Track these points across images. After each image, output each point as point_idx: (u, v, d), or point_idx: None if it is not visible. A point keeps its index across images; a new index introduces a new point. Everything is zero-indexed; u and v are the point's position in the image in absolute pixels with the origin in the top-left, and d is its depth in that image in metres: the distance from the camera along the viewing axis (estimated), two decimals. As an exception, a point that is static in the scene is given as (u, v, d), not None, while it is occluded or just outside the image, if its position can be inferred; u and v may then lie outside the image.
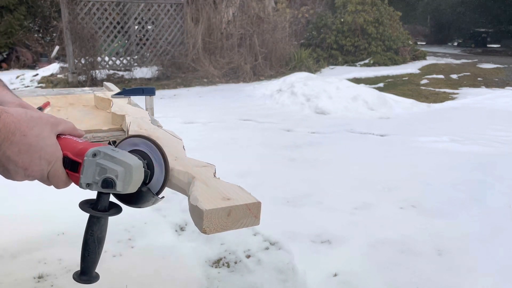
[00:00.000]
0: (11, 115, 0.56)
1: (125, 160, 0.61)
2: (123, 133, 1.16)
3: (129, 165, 0.61)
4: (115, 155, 0.62)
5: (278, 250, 2.11)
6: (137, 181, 0.64)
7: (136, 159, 0.64)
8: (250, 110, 5.62)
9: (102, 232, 0.67)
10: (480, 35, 19.62)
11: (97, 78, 7.59)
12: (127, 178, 0.62)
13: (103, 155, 0.61)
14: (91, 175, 0.62)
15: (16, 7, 10.87)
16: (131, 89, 1.44)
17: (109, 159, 0.61)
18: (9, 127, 0.55)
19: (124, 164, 0.61)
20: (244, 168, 3.27)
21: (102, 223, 0.66)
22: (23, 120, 0.57)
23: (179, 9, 8.36)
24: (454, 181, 3.07)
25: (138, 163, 0.64)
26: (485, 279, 1.89)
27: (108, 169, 0.61)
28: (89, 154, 0.61)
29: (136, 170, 0.63)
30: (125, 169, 0.61)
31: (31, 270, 1.85)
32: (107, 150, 0.62)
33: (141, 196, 0.67)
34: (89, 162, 0.61)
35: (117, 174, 0.61)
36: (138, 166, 0.63)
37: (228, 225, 0.61)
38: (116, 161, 0.61)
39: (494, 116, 5.30)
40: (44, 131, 0.60)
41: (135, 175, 0.62)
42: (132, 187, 0.63)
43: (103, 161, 0.61)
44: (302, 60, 9.23)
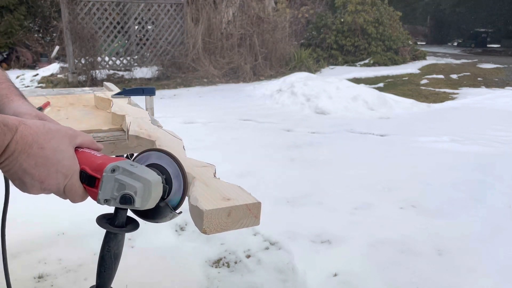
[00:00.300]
0: (29, 127, 0.55)
1: (144, 176, 0.60)
2: (123, 133, 1.16)
3: (148, 181, 0.60)
4: (134, 170, 0.60)
5: (278, 250, 2.11)
6: (156, 197, 0.63)
7: (155, 174, 0.63)
8: (250, 110, 5.62)
9: (119, 248, 0.66)
10: (480, 35, 19.63)
11: (97, 78, 7.59)
12: (146, 194, 0.60)
13: (122, 170, 0.60)
14: (110, 191, 0.60)
15: (16, 7, 10.87)
16: (131, 89, 1.44)
17: (128, 175, 0.60)
18: (27, 139, 0.54)
19: (143, 180, 0.60)
20: (244, 168, 3.27)
21: (119, 239, 0.66)
22: (40, 133, 0.56)
23: (179, 9, 8.36)
24: (454, 181, 3.07)
25: (157, 179, 0.62)
26: (485, 279, 1.89)
27: (127, 185, 0.60)
28: (108, 169, 0.60)
29: (155, 186, 0.62)
30: (144, 185, 0.60)
31: (31, 270, 1.85)
32: (126, 165, 0.61)
33: (159, 211, 0.66)
34: (107, 178, 0.60)
35: (136, 191, 0.60)
36: (157, 182, 0.62)
37: (228, 225, 0.61)
38: (135, 177, 0.60)
39: (494, 116, 5.30)
40: (62, 144, 0.59)
41: (154, 192, 0.61)
42: (150, 203, 0.62)
43: (122, 177, 0.60)
44: (302, 60, 9.23)
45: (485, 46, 19.00)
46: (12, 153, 0.53)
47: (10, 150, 0.53)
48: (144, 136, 0.96)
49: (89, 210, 1.08)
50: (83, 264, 1.91)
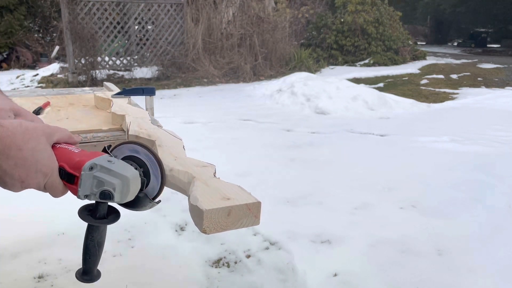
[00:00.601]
0: (7, 129, 0.56)
1: (121, 173, 0.62)
2: (123, 133, 1.16)
3: (126, 178, 0.62)
4: (111, 167, 0.62)
5: (278, 250, 2.11)
6: (134, 191, 0.64)
7: (132, 169, 0.64)
8: (250, 110, 5.62)
9: (102, 237, 0.68)
10: (480, 35, 19.64)
11: (97, 78, 7.59)
12: (124, 190, 0.62)
13: (99, 168, 0.62)
14: (89, 187, 0.62)
15: (16, 7, 10.87)
16: (131, 89, 1.44)
17: (106, 172, 0.61)
18: (5, 142, 0.55)
19: (121, 177, 0.62)
20: (244, 168, 3.27)
21: (102, 229, 0.68)
22: (18, 133, 0.57)
23: (179, 9, 8.36)
24: (454, 181, 3.07)
25: (134, 174, 0.64)
26: (485, 279, 1.89)
27: (105, 182, 0.61)
28: (86, 168, 0.61)
29: (133, 181, 0.63)
30: (122, 181, 0.62)
31: (31, 270, 1.85)
32: (104, 162, 0.62)
33: (138, 201, 0.68)
34: (86, 176, 0.61)
35: (114, 187, 0.61)
36: (134, 177, 0.64)
37: (228, 225, 0.61)
38: (113, 173, 0.61)
39: (494, 116, 5.30)
40: (39, 143, 0.60)
41: (132, 187, 0.63)
42: (129, 197, 0.64)
43: (100, 174, 0.61)
44: (302, 60, 9.24)
45: (485, 46, 19.02)
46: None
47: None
48: (144, 136, 0.96)
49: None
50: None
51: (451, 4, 19.45)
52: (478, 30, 20.42)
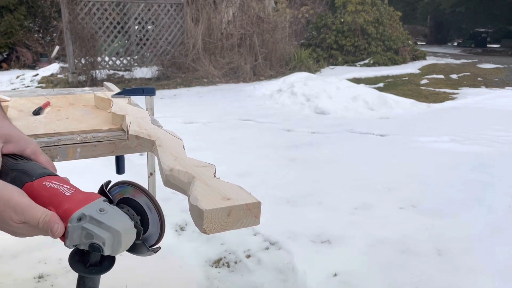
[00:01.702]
0: None
1: (113, 226, 0.56)
2: (123, 133, 1.16)
3: (118, 232, 0.57)
4: (102, 219, 0.56)
5: (278, 250, 2.11)
6: (127, 244, 0.60)
7: (126, 221, 0.59)
8: (250, 110, 5.62)
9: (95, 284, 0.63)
10: (480, 35, 19.65)
11: (97, 78, 7.59)
12: (115, 244, 0.57)
13: (89, 219, 0.57)
14: (77, 238, 0.58)
15: (16, 7, 10.87)
16: (131, 89, 1.44)
17: (96, 224, 0.56)
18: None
19: (112, 231, 0.56)
20: (244, 168, 3.27)
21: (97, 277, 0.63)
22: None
23: (179, 9, 8.36)
24: (454, 181, 3.07)
25: (127, 227, 0.59)
26: (485, 279, 1.89)
27: (94, 235, 0.56)
28: (74, 219, 0.57)
29: (125, 235, 0.58)
30: (113, 236, 0.57)
31: (31, 270, 1.85)
32: (94, 212, 0.57)
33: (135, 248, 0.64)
34: (73, 228, 0.57)
35: (104, 241, 0.56)
36: (127, 231, 0.59)
37: (228, 225, 0.60)
38: (103, 226, 0.56)
39: (494, 116, 5.30)
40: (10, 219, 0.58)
41: (124, 241, 0.58)
42: (121, 250, 0.59)
43: (89, 226, 0.56)
44: (302, 60, 9.24)
45: (485, 46, 19.02)
46: None
47: None
48: (144, 136, 0.97)
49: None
50: (83, 264, 1.91)
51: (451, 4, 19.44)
52: (478, 30, 20.42)
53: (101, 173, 2.56)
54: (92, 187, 0.68)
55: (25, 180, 0.63)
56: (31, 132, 1.10)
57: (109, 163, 1.92)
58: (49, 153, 1.04)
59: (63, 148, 1.06)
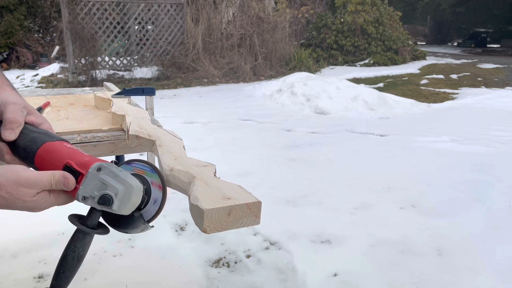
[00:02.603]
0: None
1: (127, 180, 0.61)
2: (123, 133, 1.16)
3: (131, 186, 0.61)
4: (118, 173, 0.61)
5: (278, 250, 2.11)
6: (134, 203, 0.63)
7: (138, 182, 0.63)
8: (250, 110, 5.62)
9: (84, 250, 0.65)
10: (480, 35, 19.65)
11: (97, 78, 7.59)
12: (125, 198, 0.61)
13: (107, 171, 0.61)
14: (91, 188, 0.61)
15: (16, 7, 10.86)
16: (131, 89, 1.44)
17: (113, 176, 0.61)
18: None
19: (126, 184, 0.61)
20: (244, 168, 3.27)
21: (87, 240, 0.65)
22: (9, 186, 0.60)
23: (179, 9, 8.36)
24: (454, 181, 3.07)
25: (139, 186, 0.63)
26: (485, 279, 1.89)
27: (109, 185, 0.60)
28: (95, 167, 0.61)
29: (136, 192, 0.62)
30: (126, 189, 0.61)
31: (31, 270, 1.85)
32: (112, 167, 0.62)
33: (132, 221, 0.66)
34: (92, 175, 0.61)
35: (117, 192, 0.60)
36: (138, 189, 0.63)
37: (228, 225, 0.61)
38: (119, 179, 0.61)
39: (494, 116, 5.30)
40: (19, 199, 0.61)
41: (133, 197, 0.62)
42: (127, 209, 0.62)
43: (106, 177, 0.61)
44: (302, 60, 9.24)
45: (485, 46, 19.02)
46: None
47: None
48: (144, 135, 0.97)
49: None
50: (83, 264, 1.90)
51: (451, 4, 19.44)
52: (478, 30, 20.43)
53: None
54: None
55: (46, 139, 0.68)
56: (31, 132, 1.10)
57: (109, 163, 1.92)
58: (49, 153, 1.04)
59: (63, 148, 1.06)
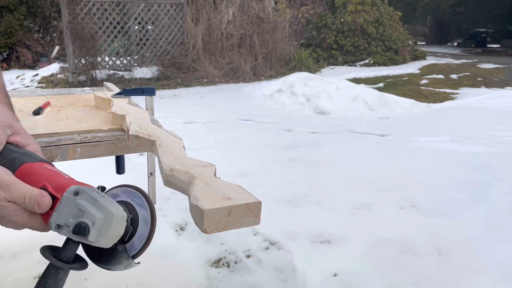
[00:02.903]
0: None
1: (107, 207, 0.53)
2: (123, 133, 1.16)
3: (111, 213, 0.53)
4: (99, 199, 0.54)
5: (278, 250, 2.11)
6: (115, 235, 0.56)
7: (121, 209, 0.56)
8: (250, 110, 5.62)
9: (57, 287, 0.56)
10: (480, 35, 19.66)
11: (97, 78, 7.59)
12: (104, 228, 0.53)
13: (86, 195, 0.54)
14: (66, 215, 0.54)
15: (16, 7, 10.86)
16: (131, 89, 1.44)
17: (91, 202, 0.53)
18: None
19: (105, 211, 0.53)
20: (244, 168, 3.27)
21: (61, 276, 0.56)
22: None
23: (179, 9, 8.36)
24: (454, 181, 3.07)
25: (121, 214, 0.55)
26: (485, 279, 1.89)
27: (86, 212, 0.53)
28: (71, 190, 0.54)
29: (117, 221, 0.54)
30: (105, 216, 0.53)
31: (31, 270, 1.85)
32: (92, 191, 0.55)
33: (114, 255, 0.60)
34: (67, 200, 0.54)
35: (94, 221, 0.53)
36: (120, 218, 0.55)
37: (228, 225, 0.60)
38: (98, 205, 0.53)
39: (494, 116, 5.30)
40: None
41: (114, 227, 0.54)
42: (106, 241, 0.55)
43: (83, 202, 0.53)
44: (302, 60, 9.24)
45: (485, 46, 19.03)
46: None
47: None
48: (144, 135, 0.97)
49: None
50: (83, 264, 1.91)
51: (451, 4, 19.44)
52: (478, 30, 20.44)
53: (101, 173, 2.56)
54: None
55: (25, 160, 0.61)
56: (31, 132, 1.10)
57: (109, 163, 1.92)
58: (49, 153, 1.04)
59: (63, 148, 1.06)
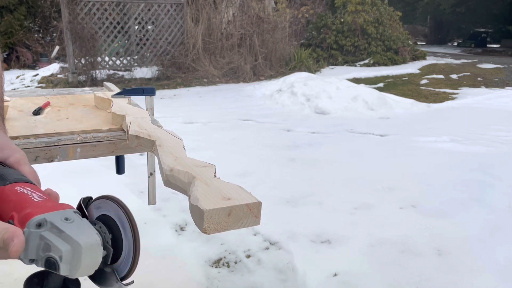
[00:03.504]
0: None
1: (73, 237, 0.47)
2: (123, 133, 1.16)
3: (78, 245, 0.47)
4: (64, 228, 0.47)
5: (278, 250, 2.11)
6: (90, 265, 0.49)
7: (92, 235, 0.49)
8: (250, 110, 5.62)
9: None
10: (480, 35, 19.65)
11: (97, 78, 7.59)
12: (74, 261, 0.47)
13: (50, 226, 0.48)
14: (34, 249, 0.48)
15: (16, 7, 10.87)
16: (131, 89, 1.44)
17: (56, 233, 0.47)
18: None
19: (72, 243, 0.47)
20: (244, 168, 3.27)
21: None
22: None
23: (179, 9, 8.36)
24: (454, 181, 3.07)
25: (92, 243, 0.48)
26: (485, 279, 1.89)
27: (52, 246, 0.47)
28: (32, 224, 0.48)
29: (88, 251, 0.48)
30: (73, 249, 0.47)
31: (31, 270, 1.85)
32: (57, 220, 0.48)
33: (104, 277, 0.56)
34: (30, 234, 0.47)
35: (61, 255, 0.47)
36: (91, 247, 0.48)
37: (228, 225, 0.60)
38: (63, 236, 0.47)
39: (494, 116, 5.30)
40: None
41: (85, 259, 0.48)
42: (82, 272, 0.49)
43: (48, 235, 0.47)
44: (302, 60, 9.24)
45: (485, 46, 19.02)
46: None
47: None
48: (144, 136, 0.96)
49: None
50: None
51: (451, 4, 19.43)
52: (478, 30, 20.43)
53: (101, 173, 2.56)
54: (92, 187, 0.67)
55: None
56: (31, 132, 1.10)
57: (109, 163, 1.92)
58: (49, 153, 1.04)
59: (63, 148, 1.06)
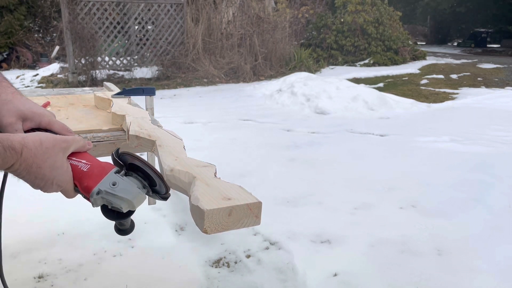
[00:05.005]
0: (30, 150, 0.63)
1: (125, 197, 0.66)
2: (123, 133, 1.16)
3: (129, 201, 0.67)
4: (115, 192, 0.66)
5: (278, 250, 2.11)
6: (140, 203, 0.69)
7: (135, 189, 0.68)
8: (250, 110, 5.62)
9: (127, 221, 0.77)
10: (480, 35, 19.64)
11: (97, 78, 7.59)
12: (130, 207, 0.68)
13: (105, 193, 0.66)
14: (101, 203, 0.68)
15: (16, 7, 10.86)
16: (131, 89, 1.44)
17: (111, 197, 0.66)
18: (28, 161, 0.63)
19: (125, 200, 0.66)
20: (244, 168, 3.27)
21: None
22: (39, 154, 0.64)
23: (179, 9, 8.35)
24: (454, 181, 3.07)
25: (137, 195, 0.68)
26: (485, 279, 1.89)
27: (113, 202, 0.67)
28: (93, 193, 0.67)
29: (137, 201, 0.68)
30: (127, 203, 0.67)
31: (31, 270, 1.85)
32: (108, 187, 0.67)
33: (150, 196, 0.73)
34: (95, 199, 0.67)
35: (121, 207, 0.67)
36: (138, 198, 0.68)
37: (229, 225, 0.61)
38: (117, 197, 0.66)
39: (494, 116, 5.30)
40: (57, 161, 0.67)
41: (137, 204, 0.68)
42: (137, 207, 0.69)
43: (106, 196, 0.67)
44: (302, 60, 9.23)
45: (485, 46, 19.02)
46: (16, 170, 0.63)
47: (15, 168, 0.62)
48: (144, 136, 0.96)
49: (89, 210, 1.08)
50: (83, 264, 1.91)
51: (451, 4, 19.44)
52: (478, 30, 20.41)
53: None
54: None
55: None
56: (31, 132, 1.10)
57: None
58: (49, 153, 1.03)
59: (63, 148, 1.06)
